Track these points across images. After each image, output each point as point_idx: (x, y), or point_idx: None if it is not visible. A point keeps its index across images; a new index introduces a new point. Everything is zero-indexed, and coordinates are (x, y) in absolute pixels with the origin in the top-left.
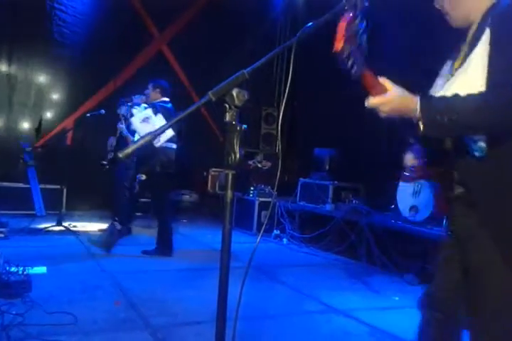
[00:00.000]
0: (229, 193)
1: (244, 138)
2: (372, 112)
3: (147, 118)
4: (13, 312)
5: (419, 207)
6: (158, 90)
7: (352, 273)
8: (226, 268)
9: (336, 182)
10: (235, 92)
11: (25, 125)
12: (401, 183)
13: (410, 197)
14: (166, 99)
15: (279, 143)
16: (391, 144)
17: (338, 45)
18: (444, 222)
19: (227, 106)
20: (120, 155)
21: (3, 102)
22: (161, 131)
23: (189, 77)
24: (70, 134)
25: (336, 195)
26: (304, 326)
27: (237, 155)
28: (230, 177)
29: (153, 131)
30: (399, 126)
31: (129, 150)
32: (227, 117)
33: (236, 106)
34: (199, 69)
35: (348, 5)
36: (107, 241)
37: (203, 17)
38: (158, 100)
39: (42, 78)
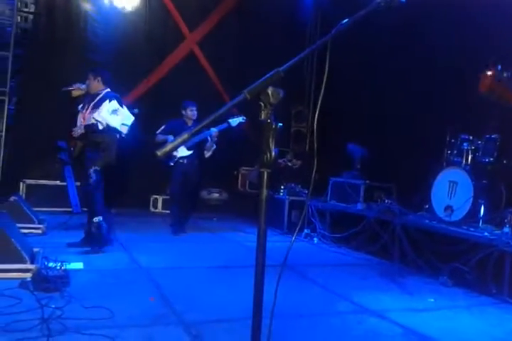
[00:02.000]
0: (264, 192)
1: (278, 136)
2: (403, 112)
3: (115, 110)
4: (53, 306)
5: (455, 207)
6: (99, 78)
7: (384, 274)
8: (262, 267)
9: (367, 181)
10: (270, 90)
11: (63, 124)
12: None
13: (445, 196)
14: (109, 90)
15: (314, 141)
16: (424, 143)
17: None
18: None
19: (262, 104)
20: (158, 153)
21: (40, 104)
22: (198, 129)
23: (219, 76)
24: None
25: (367, 195)
26: (336, 326)
27: (273, 154)
28: (266, 175)
29: (189, 130)
30: None
31: (167, 148)
32: (263, 115)
33: (271, 105)
34: (229, 68)
35: (383, 2)
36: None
37: (233, 16)
38: (101, 90)
39: (76, 76)
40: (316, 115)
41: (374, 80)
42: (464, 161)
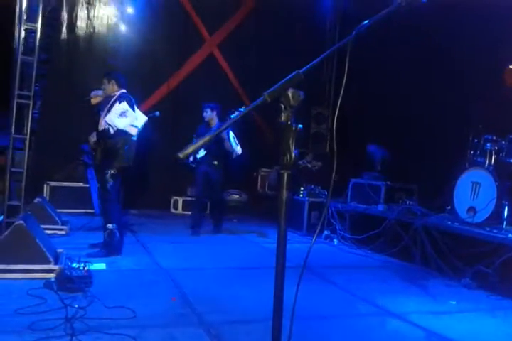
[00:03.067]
0: (284, 193)
1: (299, 137)
2: (424, 113)
3: (124, 112)
4: (76, 306)
5: (478, 208)
6: (113, 82)
7: (406, 276)
8: (282, 268)
9: (388, 182)
10: (290, 93)
11: (86, 127)
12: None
13: (468, 197)
14: (124, 91)
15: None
16: (447, 143)
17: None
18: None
19: (282, 106)
20: (180, 155)
21: (64, 107)
22: (220, 130)
23: (239, 79)
24: None
25: (388, 196)
26: (358, 328)
27: (293, 156)
28: (286, 177)
29: (211, 132)
30: None
31: (189, 150)
32: (283, 117)
33: (291, 107)
34: (249, 70)
35: (404, 2)
36: (110, 249)
37: (252, 19)
38: (116, 92)
39: (99, 82)
40: (336, 117)
41: (395, 81)
42: (487, 162)
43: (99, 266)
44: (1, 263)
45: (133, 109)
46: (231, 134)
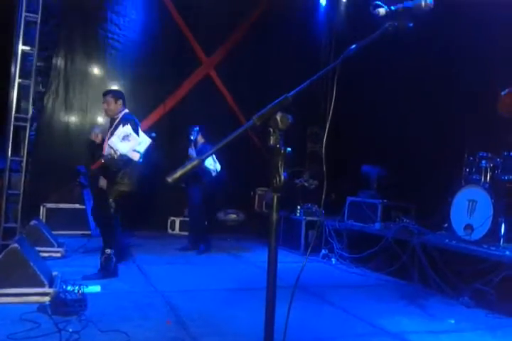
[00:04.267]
0: (274, 216)
1: (289, 160)
2: (419, 131)
3: (127, 136)
4: (70, 330)
5: (475, 226)
6: (120, 101)
7: (404, 295)
8: (273, 291)
9: (385, 200)
10: (278, 116)
11: (82, 149)
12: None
13: (465, 215)
14: (127, 111)
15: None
16: (442, 161)
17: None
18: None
19: (271, 130)
20: (169, 179)
21: (61, 128)
22: (209, 155)
23: (236, 100)
24: None
25: (385, 214)
26: None
27: (282, 178)
28: (276, 199)
29: (200, 156)
30: None
31: (177, 174)
32: (272, 141)
33: (280, 130)
34: (246, 91)
35: (391, 27)
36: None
37: (248, 41)
38: (119, 112)
39: (97, 104)
40: (325, 135)
41: (390, 100)
42: (482, 179)
43: (94, 288)
44: None
45: (137, 132)
46: None
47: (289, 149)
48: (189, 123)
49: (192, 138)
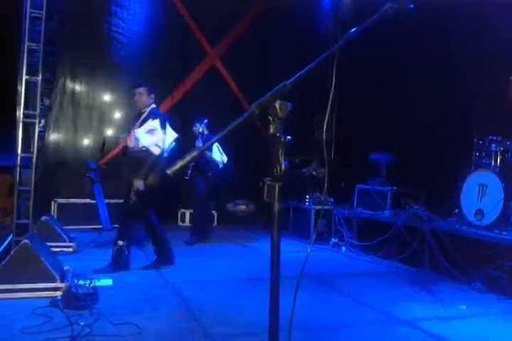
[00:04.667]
0: (276, 205)
1: (289, 149)
2: (428, 115)
3: (152, 130)
4: (82, 324)
5: (485, 211)
6: (153, 95)
7: (415, 282)
8: (276, 281)
9: (394, 187)
10: (277, 104)
11: (91, 144)
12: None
13: (475, 200)
14: (154, 106)
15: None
16: (452, 146)
17: None
18: None
19: (270, 118)
20: (169, 171)
21: (68, 124)
22: (208, 145)
23: (242, 90)
24: None
25: (394, 201)
26: (367, 337)
27: (282, 167)
28: (277, 188)
29: (201, 147)
30: None
31: (177, 166)
32: (271, 129)
33: (279, 118)
34: (252, 81)
35: (390, 9)
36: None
37: (253, 30)
38: (149, 106)
39: (103, 98)
40: (325, 126)
41: (398, 86)
42: (492, 163)
43: (106, 281)
44: (7, 282)
45: (164, 128)
46: (214, 145)
47: (289, 137)
48: (197, 114)
49: (200, 130)
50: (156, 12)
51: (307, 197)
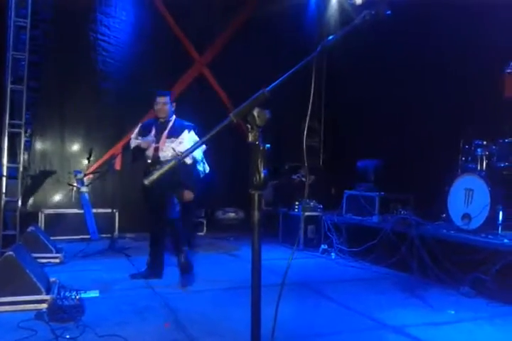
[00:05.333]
0: (256, 214)
1: (268, 157)
2: (414, 120)
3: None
4: (67, 337)
5: (472, 215)
6: (174, 105)
7: (404, 287)
8: (258, 290)
9: (382, 193)
10: (256, 112)
11: (77, 153)
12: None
13: (462, 204)
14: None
15: (324, 156)
16: (438, 151)
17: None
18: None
19: (249, 126)
20: (146, 182)
21: (54, 133)
22: (185, 154)
23: (231, 98)
24: (118, 159)
25: (383, 207)
26: None
27: (262, 176)
28: (256, 197)
29: (178, 156)
30: None
31: (155, 176)
32: (250, 138)
33: (258, 126)
34: (240, 89)
35: (368, 16)
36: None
37: (241, 37)
38: (173, 116)
39: (90, 107)
40: (305, 132)
41: (384, 91)
42: (479, 167)
43: (93, 293)
44: None
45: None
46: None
47: (268, 146)
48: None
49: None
50: (142, 20)
51: (296, 203)
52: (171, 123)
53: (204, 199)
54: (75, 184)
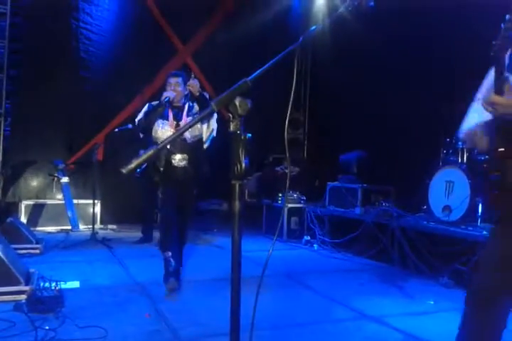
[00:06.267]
0: (237, 204)
1: (250, 147)
2: (397, 113)
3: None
4: (46, 328)
5: (453, 207)
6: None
7: (384, 278)
8: (237, 280)
9: (364, 185)
10: (237, 101)
11: (58, 143)
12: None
13: (443, 196)
14: None
15: (307, 148)
16: (420, 143)
17: None
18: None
19: (230, 115)
20: (124, 170)
21: (35, 122)
22: (167, 142)
23: (214, 87)
24: (100, 150)
25: (365, 198)
26: (335, 334)
27: (243, 166)
28: (237, 187)
29: (157, 145)
30: None
31: (133, 165)
32: (232, 127)
33: (240, 116)
34: (223, 78)
35: (350, 6)
36: None
37: (225, 27)
38: (184, 100)
39: (71, 96)
40: (286, 126)
41: (368, 84)
42: (459, 160)
43: (73, 284)
44: None
45: None
46: None
47: (249, 135)
48: None
49: None
50: (126, 8)
51: (280, 195)
52: (187, 106)
53: None
54: (56, 174)
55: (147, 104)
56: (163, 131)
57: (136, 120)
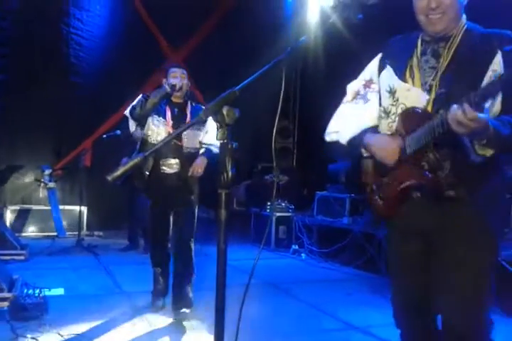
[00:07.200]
0: (223, 213)
1: (236, 156)
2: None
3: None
4: (28, 336)
5: None
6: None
7: (371, 288)
8: (222, 289)
9: (352, 195)
10: (225, 111)
11: (45, 148)
12: None
13: None
14: None
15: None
16: None
17: None
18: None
19: (218, 124)
20: (109, 178)
21: (23, 127)
22: (153, 150)
23: (205, 94)
24: (88, 156)
25: (353, 208)
26: None
27: (230, 174)
28: (224, 196)
29: (143, 153)
30: None
31: (118, 172)
32: (218, 136)
33: (227, 125)
34: (215, 85)
35: (339, 18)
36: None
37: (217, 34)
38: (190, 101)
39: (60, 101)
40: (274, 134)
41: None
42: None
43: (57, 291)
44: None
45: None
46: None
47: (235, 144)
48: None
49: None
50: (117, 14)
51: (268, 203)
52: (189, 106)
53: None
54: (43, 179)
55: (141, 95)
56: (158, 130)
57: (128, 109)
